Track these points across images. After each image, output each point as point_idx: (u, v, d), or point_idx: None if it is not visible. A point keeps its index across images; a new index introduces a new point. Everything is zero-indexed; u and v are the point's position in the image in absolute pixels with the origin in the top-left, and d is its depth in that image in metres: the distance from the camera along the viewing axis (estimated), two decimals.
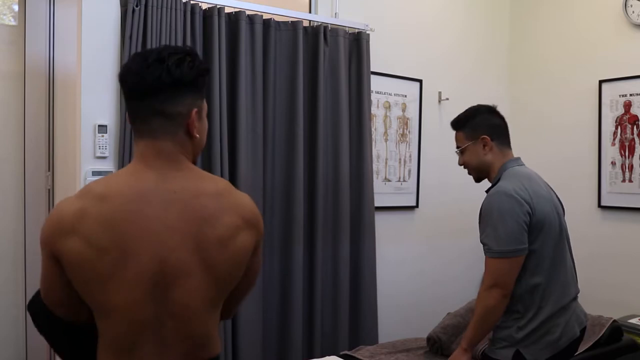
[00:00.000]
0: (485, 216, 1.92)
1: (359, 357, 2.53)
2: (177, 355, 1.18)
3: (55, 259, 1.14)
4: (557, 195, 2.11)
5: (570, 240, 2.08)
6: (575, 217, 3.59)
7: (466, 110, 2.14)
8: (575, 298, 2.00)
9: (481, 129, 2.03)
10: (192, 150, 1.24)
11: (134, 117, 1.21)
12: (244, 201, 1.27)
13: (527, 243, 1.85)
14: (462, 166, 2.12)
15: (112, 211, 1.11)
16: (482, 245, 1.93)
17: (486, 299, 1.89)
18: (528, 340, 1.88)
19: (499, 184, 1.95)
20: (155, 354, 1.16)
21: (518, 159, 2.08)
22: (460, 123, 2.09)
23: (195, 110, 1.21)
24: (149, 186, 1.16)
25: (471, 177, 2.17)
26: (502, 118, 2.12)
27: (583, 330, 1.99)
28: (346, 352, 2.69)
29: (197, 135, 1.23)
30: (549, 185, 2.10)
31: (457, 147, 2.10)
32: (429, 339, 2.53)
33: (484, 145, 2.02)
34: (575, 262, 2.07)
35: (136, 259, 1.11)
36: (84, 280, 1.13)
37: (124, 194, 1.14)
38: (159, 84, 1.16)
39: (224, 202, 1.21)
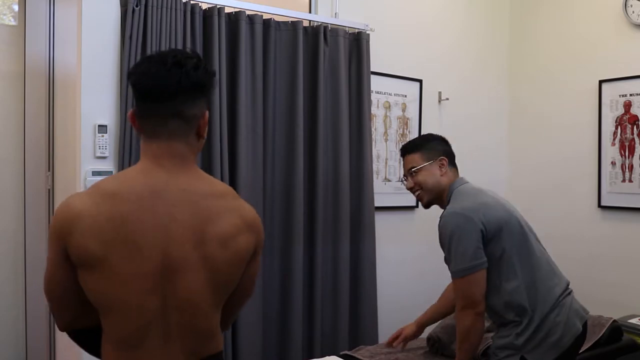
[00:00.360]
0: (442, 239, 1.99)
1: (359, 357, 2.53)
2: (181, 350, 1.20)
3: (65, 255, 1.16)
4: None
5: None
6: (575, 217, 3.59)
7: (420, 136, 2.25)
8: (566, 292, 1.99)
9: (438, 151, 2.12)
10: (196, 151, 1.29)
11: (148, 118, 1.23)
12: (246, 206, 1.32)
13: (484, 257, 1.90)
14: (412, 190, 2.14)
15: (123, 208, 1.15)
16: None
17: (462, 320, 1.93)
18: (530, 345, 1.88)
19: (449, 205, 2.01)
20: (159, 348, 1.18)
21: (462, 178, 2.15)
22: (416, 145, 2.16)
23: (206, 112, 1.27)
24: (160, 184, 1.20)
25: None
26: (451, 148, 2.20)
27: (585, 325, 1.98)
28: (346, 352, 2.69)
29: (205, 137, 1.29)
30: (498, 195, 2.16)
31: (411, 169, 2.12)
32: (428, 339, 2.53)
33: (441, 166, 2.09)
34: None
35: (145, 253, 1.15)
36: (93, 277, 1.15)
37: (136, 192, 1.18)
38: (180, 87, 1.20)
39: (227, 203, 1.26)
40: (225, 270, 1.23)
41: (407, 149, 2.17)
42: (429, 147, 2.12)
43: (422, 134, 3.55)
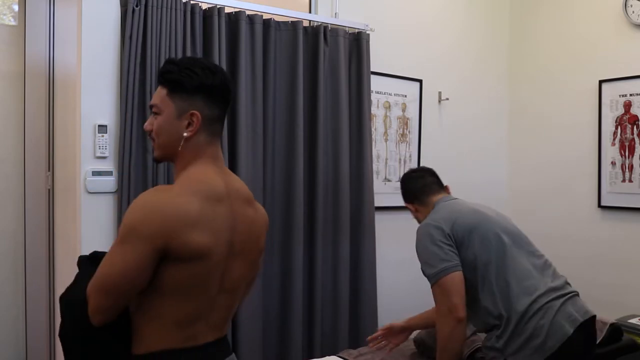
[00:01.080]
0: (417, 250, 2.12)
1: (345, 357, 2.52)
2: (221, 324, 1.38)
3: (158, 252, 1.22)
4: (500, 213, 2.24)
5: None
6: (576, 217, 3.59)
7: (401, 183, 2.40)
8: (555, 294, 1.96)
9: (410, 196, 2.33)
10: None
11: (217, 122, 1.39)
12: (263, 209, 1.51)
13: (456, 260, 1.96)
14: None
15: (220, 207, 1.31)
16: None
17: (441, 326, 1.95)
18: (511, 348, 1.89)
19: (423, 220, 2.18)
20: (207, 326, 1.33)
21: (451, 196, 2.31)
22: (406, 198, 2.38)
23: None
24: (229, 185, 1.37)
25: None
26: (426, 173, 2.39)
27: (582, 328, 1.93)
28: (334, 355, 2.66)
29: None
30: (484, 207, 2.23)
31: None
32: (415, 341, 2.53)
33: (417, 210, 2.30)
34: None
35: (226, 245, 1.32)
36: (197, 267, 1.25)
37: (223, 192, 1.33)
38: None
39: (258, 205, 1.47)
40: (255, 265, 1.45)
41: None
42: (407, 196, 2.39)
43: (422, 133, 3.55)
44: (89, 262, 1.36)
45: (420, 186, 2.32)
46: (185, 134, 1.34)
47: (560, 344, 1.86)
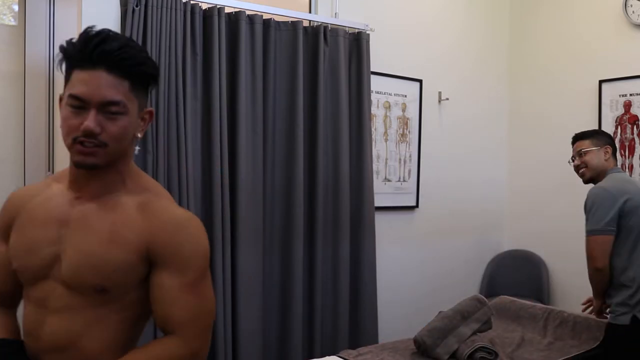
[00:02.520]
0: (586, 206, 2.43)
1: (345, 357, 2.51)
2: None
3: None
4: None
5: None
6: (576, 217, 3.58)
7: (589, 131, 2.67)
8: None
9: (604, 140, 2.57)
10: None
11: None
12: None
13: (614, 227, 2.35)
14: (578, 167, 2.60)
15: None
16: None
17: (588, 270, 2.43)
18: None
19: (599, 182, 2.48)
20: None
21: (619, 167, 2.60)
22: (586, 134, 2.61)
23: None
24: None
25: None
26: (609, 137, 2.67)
27: None
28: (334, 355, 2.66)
29: None
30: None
31: (580, 151, 2.57)
32: (415, 341, 2.53)
33: (605, 152, 2.53)
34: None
35: None
36: None
37: None
38: None
39: None
40: None
41: (580, 136, 2.62)
42: (596, 136, 2.57)
43: (422, 133, 3.55)
44: None
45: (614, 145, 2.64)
46: (139, 135, 1.16)
47: None
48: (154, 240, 1.12)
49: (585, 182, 2.59)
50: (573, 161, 2.64)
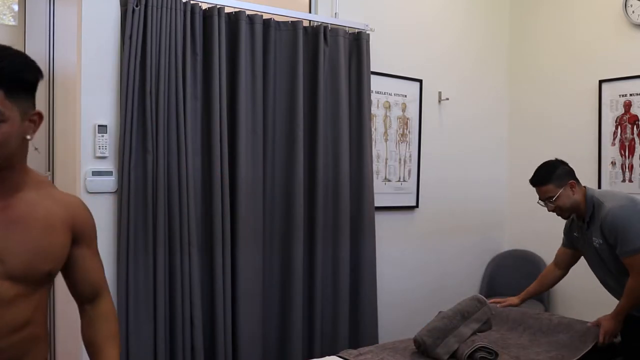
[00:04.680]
0: (615, 230, 2.29)
1: (345, 356, 2.51)
2: None
3: None
4: None
5: None
6: None
7: (544, 167, 2.58)
8: None
9: (563, 174, 2.46)
10: None
11: None
12: None
13: None
14: (554, 211, 2.50)
15: None
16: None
17: (636, 285, 2.30)
18: None
19: (606, 204, 2.34)
20: None
21: (586, 187, 2.50)
22: (545, 178, 2.51)
23: None
24: None
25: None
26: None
27: None
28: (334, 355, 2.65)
29: None
30: None
31: (549, 198, 2.47)
32: (414, 341, 2.52)
33: (572, 187, 2.43)
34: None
35: None
36: None
37: None
38: None
39: None
40: None
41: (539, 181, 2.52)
42: (557, 177, 2.46)
43: (422, 133, 3.55)
44: None
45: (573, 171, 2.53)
46: (29, 137, 1.20)
47: None
48: (74, 222, 1.31)
49: (567, 218, 2.60)
50: (544, 205, 2.55)
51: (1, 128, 1.14)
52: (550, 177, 2.47)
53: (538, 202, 2.55)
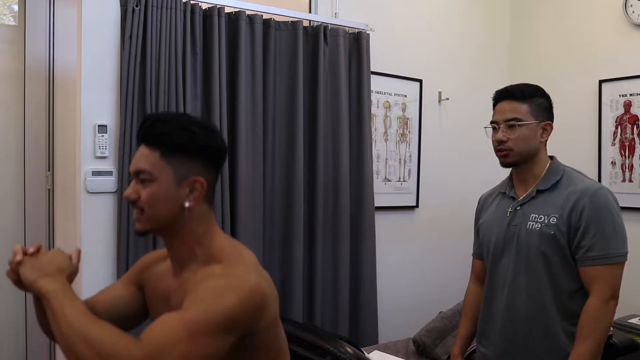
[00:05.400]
0: (598, 213, 1.71)
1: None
2: None
3: (241, 334, 1.13)
4: None
5: None
6: None
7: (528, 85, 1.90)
8: None
9: (544, 108, 1.85)
10: None
11: (214, 187, 1.27)
12: None
13: None
14: (501, 142, 1.82)
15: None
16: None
17: (607, 315, 1.70)
18: None
19: (589, 180, 1.80)
20: None
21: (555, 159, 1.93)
22: (523, 93, 1.84)
23: None
24: None
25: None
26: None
27: None
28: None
29: None
30: None
31: (512, 123, 1.80)
32: (414, 341, 2.53)
33: (544, 131, 1.82)
34: None
35: None
36: (276, 338, 1.31)
37: None
38: None
39: None
40: None
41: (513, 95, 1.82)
42: (539, 103, 1.82)
43: (422, 133, 3.55)
44: None
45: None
46: (187, 204, 1.18)
47: None
48: None
49: (504, 165, 1.89)
50: (494, 130, 1.84)
51: (150, 187, 1.17)
52: (531, 97, 1.82)
53: (486, 127, 1.88)
